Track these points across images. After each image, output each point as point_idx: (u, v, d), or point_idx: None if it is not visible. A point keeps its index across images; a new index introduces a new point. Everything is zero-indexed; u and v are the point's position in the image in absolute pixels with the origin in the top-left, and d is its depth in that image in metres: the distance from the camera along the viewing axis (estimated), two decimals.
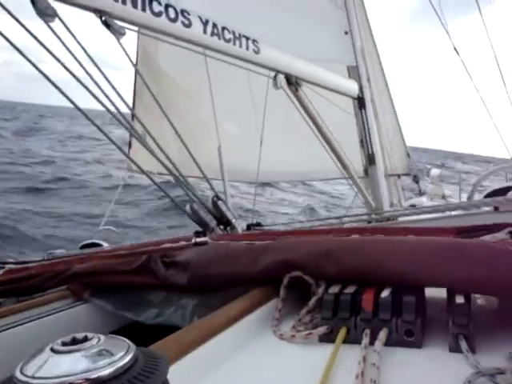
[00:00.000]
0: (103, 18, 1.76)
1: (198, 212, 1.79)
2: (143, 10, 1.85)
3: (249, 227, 2.01)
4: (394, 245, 0.87)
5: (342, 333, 0.74)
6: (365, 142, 3.00)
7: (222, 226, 1.88)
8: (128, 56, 1.86)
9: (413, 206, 6.30)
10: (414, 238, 0.93)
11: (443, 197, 6.90)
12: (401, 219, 2.03)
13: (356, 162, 3.07)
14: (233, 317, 0.81)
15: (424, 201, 6.84)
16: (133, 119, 4.71)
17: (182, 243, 1.29)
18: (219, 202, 1.86)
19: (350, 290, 0.80)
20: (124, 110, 1.95)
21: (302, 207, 11.44)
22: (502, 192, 1.70)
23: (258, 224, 2.03)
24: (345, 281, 0.84)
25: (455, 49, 4.03)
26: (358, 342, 0.72)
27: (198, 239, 1.29)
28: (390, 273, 0.81)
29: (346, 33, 3.49)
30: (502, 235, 0.93)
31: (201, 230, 1.77)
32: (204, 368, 0.67)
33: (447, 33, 4.17)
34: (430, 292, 0.84)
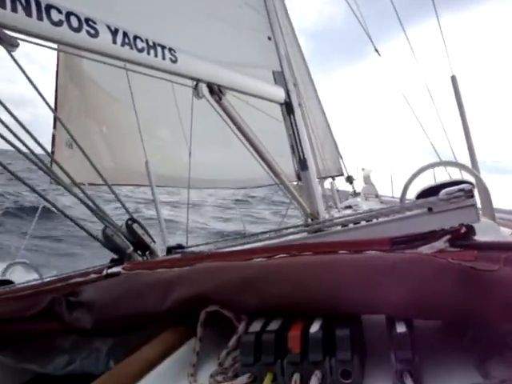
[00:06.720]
0: None
1: (113, 238, 1.62)
2: (40, 18, 1.66)
3: (169, 250, 1.84)
4: (321, 267, 0.75)
5: (268, 380, 0.63)
6: (295, 147, 2.96)
7: (139, 252, 1.73)
8: (22, 70, 1.66)
9: (348, 206, 6.48)
10: (344, 256, 0.81)
11: (377, 196, 7.12)
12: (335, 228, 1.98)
13: (290, 167, 3.04)
14: (144, 366, 0.69)
15: (359, 201, 7.03)
16: (55, 127, 4.38)
17: (93, 276, 1.14)
18: (134, 225, 1.70)
19: (275, 325, 0.69)
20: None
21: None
22: (433, 191, 1.64)
23: (180, 246, 1.88)
24: (269, 314, 0.73)
25: (376, 50, 4.13)
26: None
27: (110, 270, 1.14)
28: (318, 301, 0.69)
29: (270, 38, 3.47)
30: (440, 244, 0.83)
31: (117, 257, 1.61)
32: None
33: (369, 37, 4.27)
34: (367, 317, 0.74)
